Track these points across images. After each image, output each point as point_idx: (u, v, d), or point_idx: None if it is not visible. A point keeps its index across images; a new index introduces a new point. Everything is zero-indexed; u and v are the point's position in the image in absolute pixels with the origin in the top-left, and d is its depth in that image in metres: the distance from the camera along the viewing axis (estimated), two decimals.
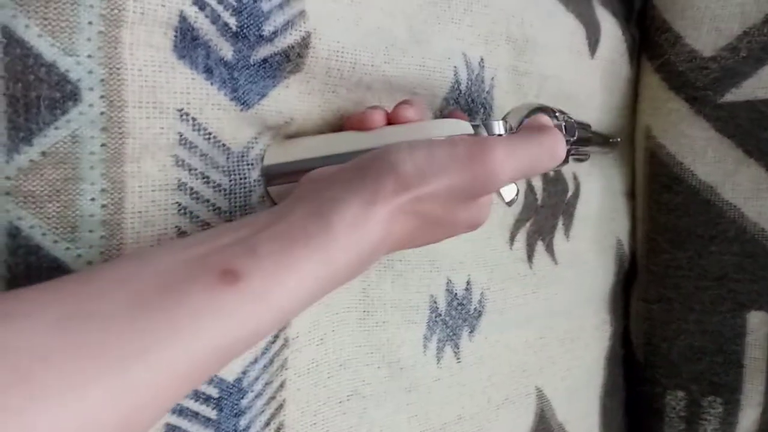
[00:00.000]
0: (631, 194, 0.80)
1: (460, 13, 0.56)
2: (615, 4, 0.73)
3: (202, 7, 0.40)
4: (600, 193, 0.75)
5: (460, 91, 0.56)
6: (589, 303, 0.75)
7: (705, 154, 0.72)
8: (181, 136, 0.41)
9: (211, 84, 0.42)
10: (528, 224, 0.65)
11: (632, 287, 0.81)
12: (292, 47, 0.44)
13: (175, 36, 0.40)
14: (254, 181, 0.44)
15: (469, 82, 0.57)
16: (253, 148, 0.44)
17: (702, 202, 0.73)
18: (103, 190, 0.38)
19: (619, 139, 0.72)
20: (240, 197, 0.44)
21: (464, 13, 0.56)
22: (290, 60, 0.45)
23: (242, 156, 0.44)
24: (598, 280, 0.76)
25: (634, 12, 0.76)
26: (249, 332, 0.29)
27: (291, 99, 0.46)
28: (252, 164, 0.44)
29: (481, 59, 0.58)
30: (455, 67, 0.55)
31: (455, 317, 0.58)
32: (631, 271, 0.81)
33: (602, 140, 0.64)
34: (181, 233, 0.41)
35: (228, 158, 0.43)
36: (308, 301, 0.32)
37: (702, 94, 0.70)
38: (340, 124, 0.50)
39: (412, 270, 0.55)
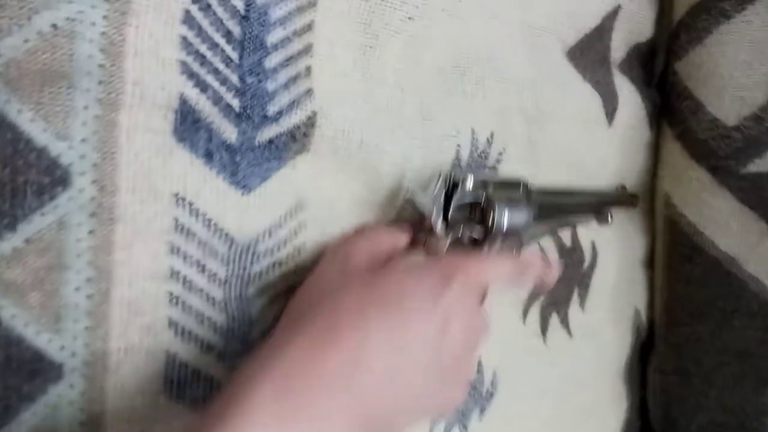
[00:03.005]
0: (649, 263, 0.77)
1: (472, 86, 0.53)
2: (635, 70, 0.70)
3: (204, 89, 0.38)
4: (618, 263, 0.72)
5: (460, 167, 0.53)
6: (605, 375, 0.72)
7: (727, 225, 0.68)
8: (176, 221, 0.38)
9: (210, 168, 0.40)
10: (542, 297, 0.62)
11: (649, 357, 0.77)
12: (298, 127, 0.42)
13: (176, 119, 0.38)
14: (255, 273, 0.42)
15: (470, 159, 0.54)
16: (263, 241, 0.42)
17: (723, 274, 0.69)
18: (88, 279, 0.36)
19: (636, 195, 0.69)
20: (236, 288, 0.41)
21: (476, 85, 0.53)
22: (296, 140, 0.43)
23: (247, 248, 0.41)
24: (615, 351, 0.73)
25: (655, 76, 0.73)
26: None
27: (298, 180, 0.44)
28: (258, 257, 0.42)
29: (491, 134, 0.55)
30: (458, 145, 0.52)
31: (466, 401, 0.55)
32: (648, 341, 0.77)
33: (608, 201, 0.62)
34: (172, 323, 0.39)
35: (230, 248, 0.41)
36: None
37: (724, 164, 0.67)
38: (356, 210, 0.47)
39: None
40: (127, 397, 0.38)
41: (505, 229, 0.47)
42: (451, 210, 0.47)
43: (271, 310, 0.43)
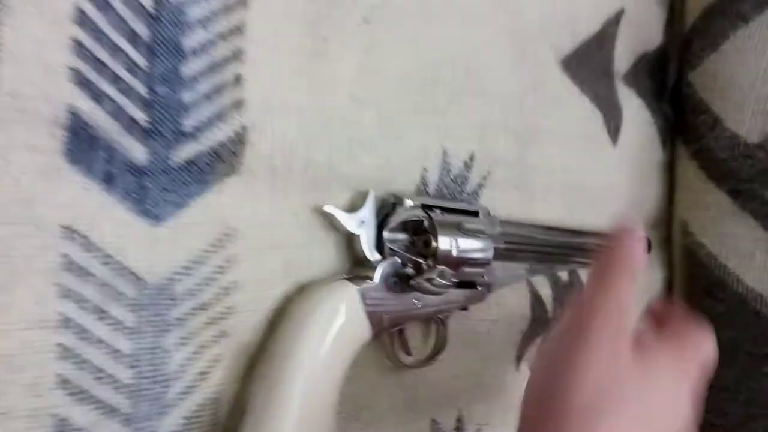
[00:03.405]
0: (667, 297, 0.68)
1: (445, 101, 0.47)
2: (643, 82, 0.63)
3: (100, 100, 0.32)
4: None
5: (428, 193, 0.46)
6: None
7: (752, 257, 0.60)
8: (66, 258, 0.32)
9: (110, 194, 0.33)
10: (538, 341, 0.54)
11: None
12: (223, 144, 0.36)
13: (66, 136, 0.32)
14: (173, 320, 0.35)
15: (441, 185, 0.47)
16: (181, 281, 0.35)
17: (751, 313, 0.61)
18: None
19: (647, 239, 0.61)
20: (149, 338, 0.35)
21: (451, 100, 0.47)
22: (223, 160, 0.36)
23: (161, 290, 0.35)
24: None
25: (667, 89, 0.66)
26: None
27: (225, 207, 0.37)
28: (176, 300, 0.35)
29: (471, 156, 0.48)
30: (424, 168, 0.46)
31: None
32: None
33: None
34: (63, 382, 0.32)
35: (139, 290, 0.34)
36: None
37: (747, 188, 0.59)
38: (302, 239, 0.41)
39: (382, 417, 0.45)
40: None
41: (454, 259, 0.42)
42: (385, 232, 0.41)
43: (197, 363, 0.36)
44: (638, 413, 0.32)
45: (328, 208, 0.40)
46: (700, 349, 0.38)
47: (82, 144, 0.33)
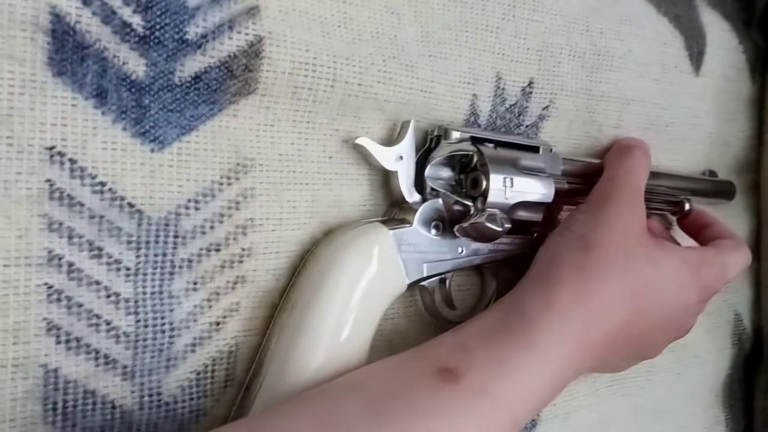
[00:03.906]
0: (754, 253, 0.61)
1: (498, 19, 0.41)
2: (728, 3, 0.55)
3: (87, 1, 0.28)
4: None
5: (478, 125, 0.40)
6: (696, 397, 0.57)
7: None
8: (51, 186, 0.28)
9: (103, 113, 0.29)
10: None
11: (756, 376, 0.61)
12: (235, 57, 0.31)
13: (50, 43, 0.27)
14: (181, 260, 0.31)
15: (494, 115, 0.41)
16: (188, 216, 0.31)
17: None
18: None
19: (731, 183, 0.54)
20: (153, 281, 0.30)
21: (504, 19, 0.41)
22: (235, 76, 0.31)
23: (165, 225, 0.30)
24: (710, 367, 0.58)
25: (757, 12, 0.58)
26: (481, 430, 0.29)
27: (239, 132, 0.32)
28: (183, 238, 0.31)
29: (530, 82, 0.42)
30: (474, 95, 0.40)
31: None
32: (754, 354, 0.61)
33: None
34: (52, 328, 0.28)
35: (139, 224, 0.30)
36: (537, 392, 0.32)
37: None
38: (327, 171, 0.36)
39: None
40: None
41: (507, 201, 0.37)
42: (427, 169, 0.35)
43: (210, 311, 0.32)
44: (638, 285, 0.36)
45: (362, 140, 0.35)
46: (723, 271, 0.42)
47: (67, 53, 0.28)
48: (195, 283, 0.32)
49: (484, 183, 0.36)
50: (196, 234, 0.32)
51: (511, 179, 0.37)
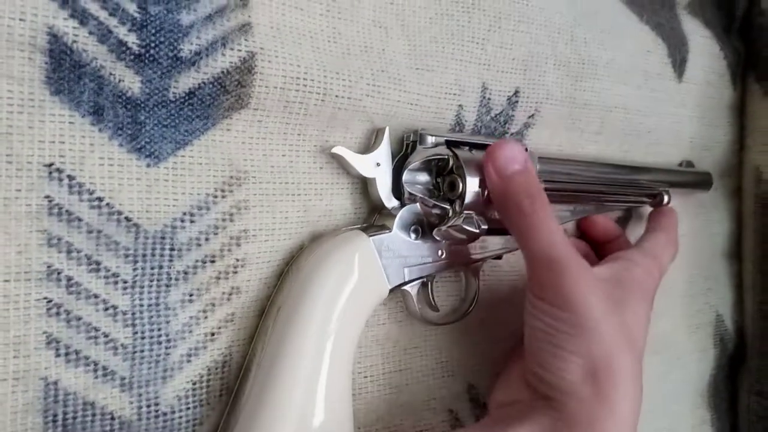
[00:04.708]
0: (735, 256, 0.63)
1: (483, 31, 0.42)
2: (709, 11, 0.57)
3: (84, 21, 0.29)
4: (690, 255, 0.59)
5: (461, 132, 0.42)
6: (682, 398, 0.59)
7: None
8: (50, 201, 0.29)
9: (100, 130, 0.30)
10: None
11: (740, 375, 0.63)
12: (228, 73, 0.32)
13: (47, 63, 0.28)
14: (177, 273, 0.32)
15: (479, 125, 0.43)
16: (183, 228, 0.32)
17: None
18: None
19: (707, 173, 0.56)
20: (151, 293, 0.32)
21: (489, 30, 0.42)
22: (228, 92, 0.32)
23: (161, 238, 0.32)
24: (692, 367, 0.60)
25: (737, 20, 0.60)
26: None
27: (233, 147, 0.34)
28: (179, 250, 0.32)
29: (515, 92, 0.44)
30: (459, 105, 0.41)
31: None
32: (737, 354, 0.63)
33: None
34: (51, 341, 0.29)
35: (136, 238, 0.31)
36: None
37: None
38: (317, 183, 0.37)
39: (416, 380, 0.41)
40: None
41: (483, 202, 0.38)
42: (404, 176, 0.37)
43: (206, 323, 0.33)
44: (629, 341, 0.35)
45: (338, 149, 0.36)
46: (662, 265, 0.43)
47: (65, 71, 0.29)
48: (191, 295, 0.33)
49: (461, 186, 0.37)
50: (192, 246, 0.33)
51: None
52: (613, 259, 0.42)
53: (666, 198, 0.49)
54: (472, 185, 0.37)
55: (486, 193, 0.37)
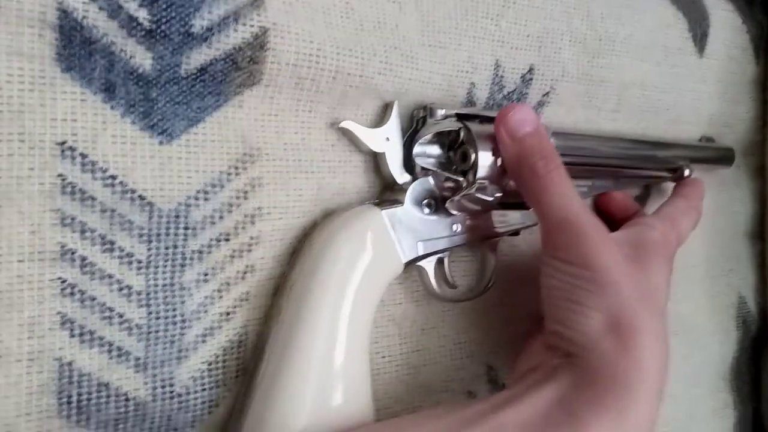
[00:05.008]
0: (758, 236, 0.62)
1: (498, 7, 0.42)
2: None
3: None
4: (710, 235, 0.58)
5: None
6: (703, 381, 0.59)
7: None
8: (63, 180, 0.29)
9: (112, 107, 0.30)
10: None
11: (763, 358, 0.63)
12: (240, 49, 0.32)
13: (57, 39, 0.28)
14: (192, 252, 0.32)
15: (491, 102, 0.42)
16: (198, 207, 0.32)
17: None
18: None
19: (730, 149, 0.55)
20: (166, 273, 0.31)
21: (504, 6, 0.42)
22: (240, 68, 0.32)
23: (175, 217, 0.31)
24: (716, 350, 0.59)
25: None
26: None
27: (246, 124, 0.34)
28: (193, 229, 0.32)
29: (530, 68, 0.43)
30: (471, 83, 0.41)
31: None
32: (760, 336, 0.63)
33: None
34: (66, 321, 0.29)
35: (150, 217, 0.31)
36: None
37: None
38: (330, 159, 0.37)
39: (435, 360, 0.41)
40: (3, 422, 0.29)
41: (497, 173, 0.37)
42: (414, 149, 0.36)
43: (221, 302, 0.33)
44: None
45: (347, 123, 0.36)
46: (680, 231, 0.42)
47: (75, 48, 0.29)
48: (206, 274, 0.33)
49: (473, 156, 0.37)
50: (206, 225, 0.33)
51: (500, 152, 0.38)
52: (628, 225, 0.41)
53: (687, 172, 0.49)
54: (484, 155, 0.36)
55: (499, 162, 0.37)
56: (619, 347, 0.31)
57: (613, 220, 0.48)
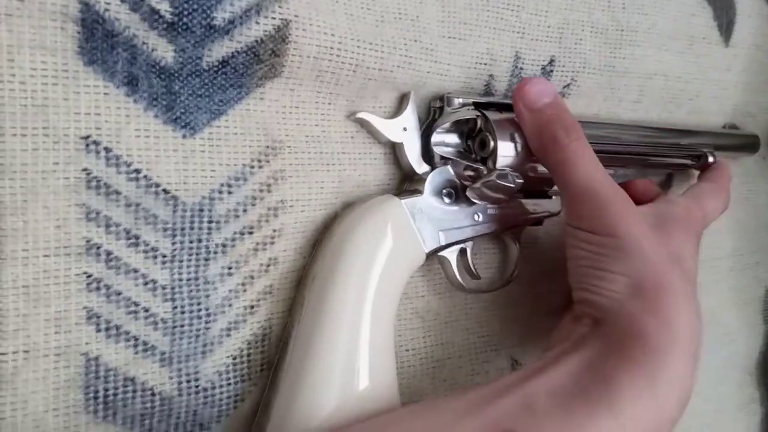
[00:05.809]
0: None
1: None
2: None
3: None
4: (735, 228, 0.58)
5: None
6: (729, 376, 0.58)
7: None
8: (88, 174, 0.29)
9: (135, 100, 0.30)
10: None
11: None
12: (262, 42, 0.32)
13: (80, 32, 0.28)
14: (216, 246, 0.32)
15: (509, 95, 0.42)
16: (222, 200, 0.32)
17: None
18: None
19: (755, 136, 0.54)
20: (190, 267, 0.32)
21: None
22: (262, 60, 0.32)
23: (200, 210, 0.32)
24: (739, 344, 0.59)
25: None
26: None
27: (267, 116, 0.34)
28: (217, 223, 0.32)
29: (551, 60, 0.43)
30: (490, 75, 0.41)
31: None
32: None
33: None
34: (92, 316, 0.29)
35: (174, 211, 0.31)
36: None
37: None
38: (351, 151, 0.37)
39: (458, 353, 0.41)
40: (31, 418, 0.29)
41: (518, 161, 0.37)
42: (432, 138, 0.36)
43: (245, 295, 0.33)
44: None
45: (363, 114, 0.37)
46: (705, 210, 0.42)
47: (97, 41, 0.29)
48: (230, 268, 0.33)
49: (492, 143, 0.37)
50: (230, 218, 0.33)
51: (520, 138, 0.37)
52: (653, 202, 0.42)
53: (711, 159, 0.48)
54: (503, 141, 0.36)
55: (519, 148, 0.37)
56: (646, 308, 0.31)
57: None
